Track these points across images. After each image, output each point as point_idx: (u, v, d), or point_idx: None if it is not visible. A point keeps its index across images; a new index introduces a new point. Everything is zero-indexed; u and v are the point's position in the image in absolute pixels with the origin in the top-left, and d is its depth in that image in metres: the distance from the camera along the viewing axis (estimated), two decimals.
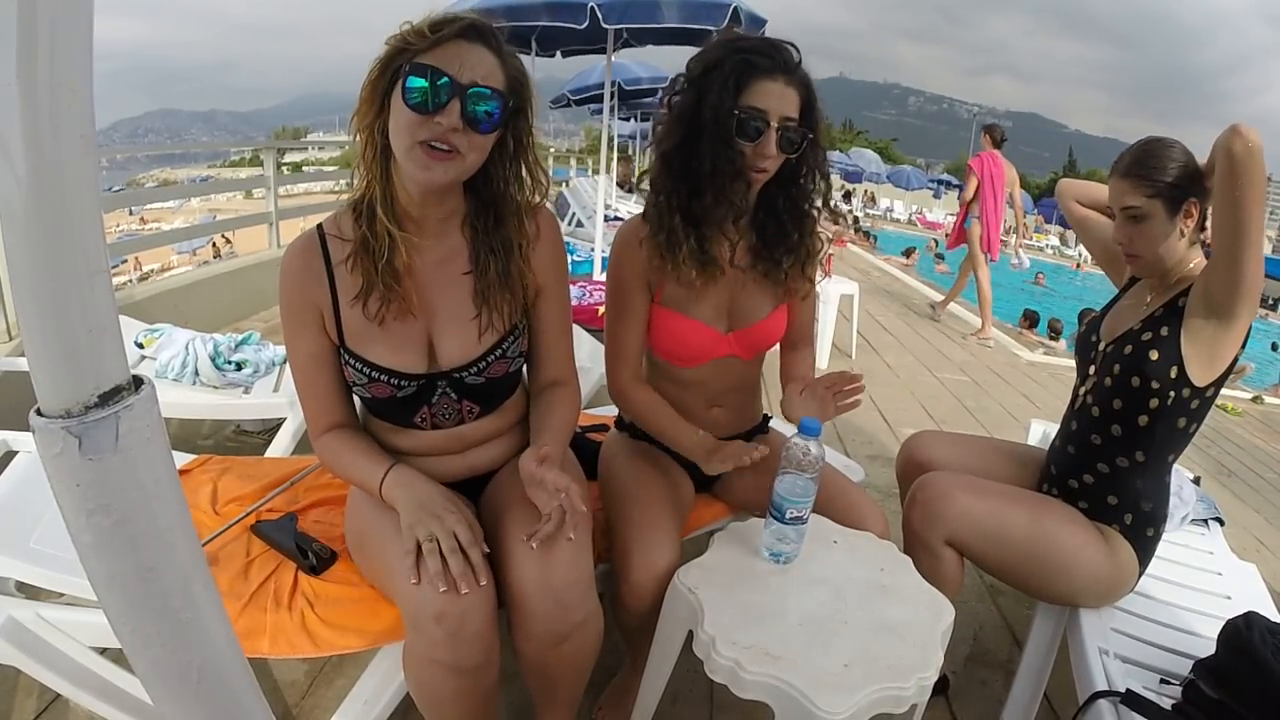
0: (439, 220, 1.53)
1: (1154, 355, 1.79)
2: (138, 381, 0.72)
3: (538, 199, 1.59)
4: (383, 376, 1.52)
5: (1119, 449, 1.89)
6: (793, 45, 1.67)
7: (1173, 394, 1.78)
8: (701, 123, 1.65)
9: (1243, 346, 1.77)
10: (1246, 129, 1.55)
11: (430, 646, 1.32)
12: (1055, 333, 11.35)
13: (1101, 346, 1.98)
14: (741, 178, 1.67)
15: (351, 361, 1.52)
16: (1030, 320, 11.80)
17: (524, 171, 1.55)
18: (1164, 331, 1.79)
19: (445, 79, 1.32)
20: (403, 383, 1.54)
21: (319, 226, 1.53)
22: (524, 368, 1.74)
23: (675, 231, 1.71)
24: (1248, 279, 1.63)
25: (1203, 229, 1.82)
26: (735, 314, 1.87)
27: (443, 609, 1.30)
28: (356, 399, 1.63)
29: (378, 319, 1.49)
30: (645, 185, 1.81)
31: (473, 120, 1.36)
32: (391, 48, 1.36)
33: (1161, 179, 1.79)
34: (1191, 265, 1.83)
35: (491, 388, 1.63)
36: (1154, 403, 1.81)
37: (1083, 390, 2.03)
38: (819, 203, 1.82)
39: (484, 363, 1.58)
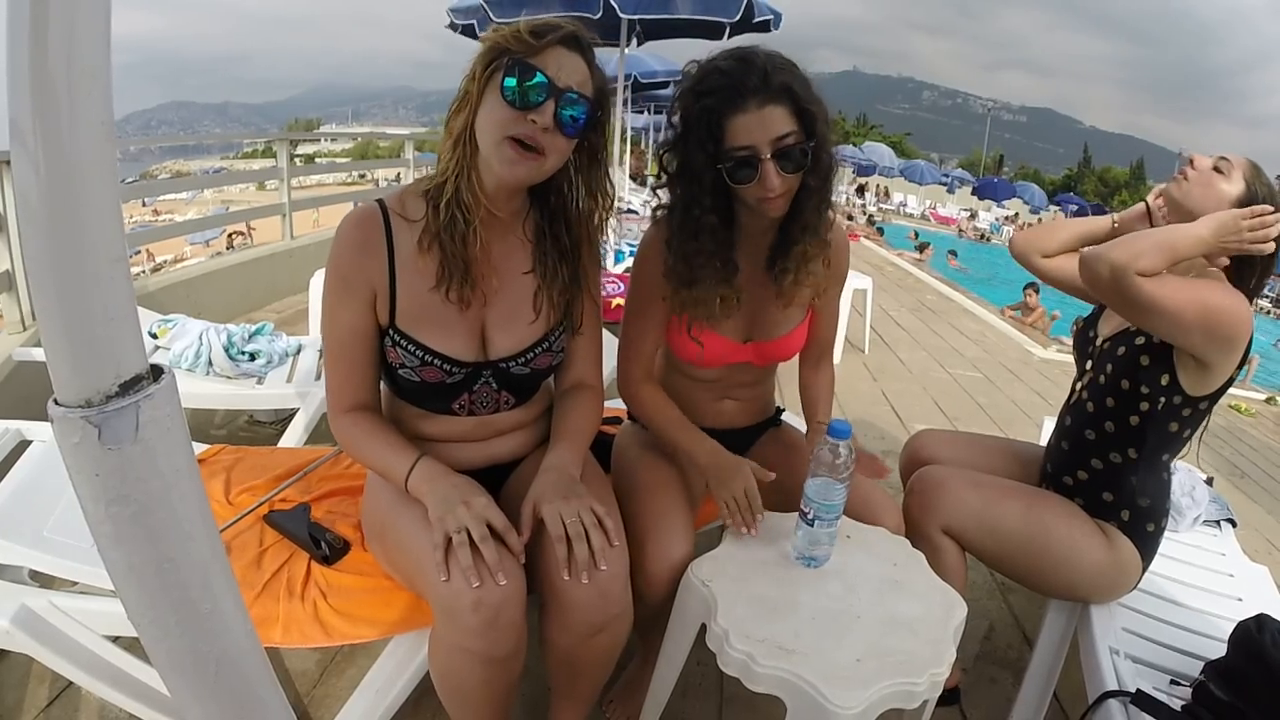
0: (507, 216, 1.56)
1: (1145, 360, 1.77)
2: (157, 371, 0.72)
3: (605, 215, 1.62)
4: (435, 360, 1.53)
5: (1111, 445, 1.88)
6: (754, 53, 1.57)
7: (1163, 400, 1.77)
8: (695, 180, 1.61)
9: (1239, 368, 1.73)
10: (1086, 253, 1.64)
11: (464, 635, 1.32)
12: None
13: (1099, 342, 1.97)
14: (715, 237, 1.66)
15: (402, 343, 1.52)
16: (1036, 290, 11.69)
17: (595, 185, 1.59)
18: (1157, 338, 1.76)
19: (544, 79, 1.37)
20: (454, 369, 1.55)
21: (380, 202, 1.53)
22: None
23: (686, 277, 1.70)
24: (1199, 351, 1.65)
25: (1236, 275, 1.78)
26: (755, 326, 1.85)
27: (479, 597, 1.29)
28: (387, 383, 1.63)
29: (462, 303, 1.52)
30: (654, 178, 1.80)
31: (562, 123, 1.40)
32: (491, 45, 1.40)
33: (1260, 180, 1.76)
34: (1197, 269, 1.78)
35: (532, 379, 1.65)
36: (1144, 405, 1.79)
37: (1079, 386, 2.02)
38: (819, 209, 1.72)
39: (531, 354, 1.60)
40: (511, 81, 1.36)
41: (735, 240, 1.73)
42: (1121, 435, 1.85)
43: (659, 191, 1.76)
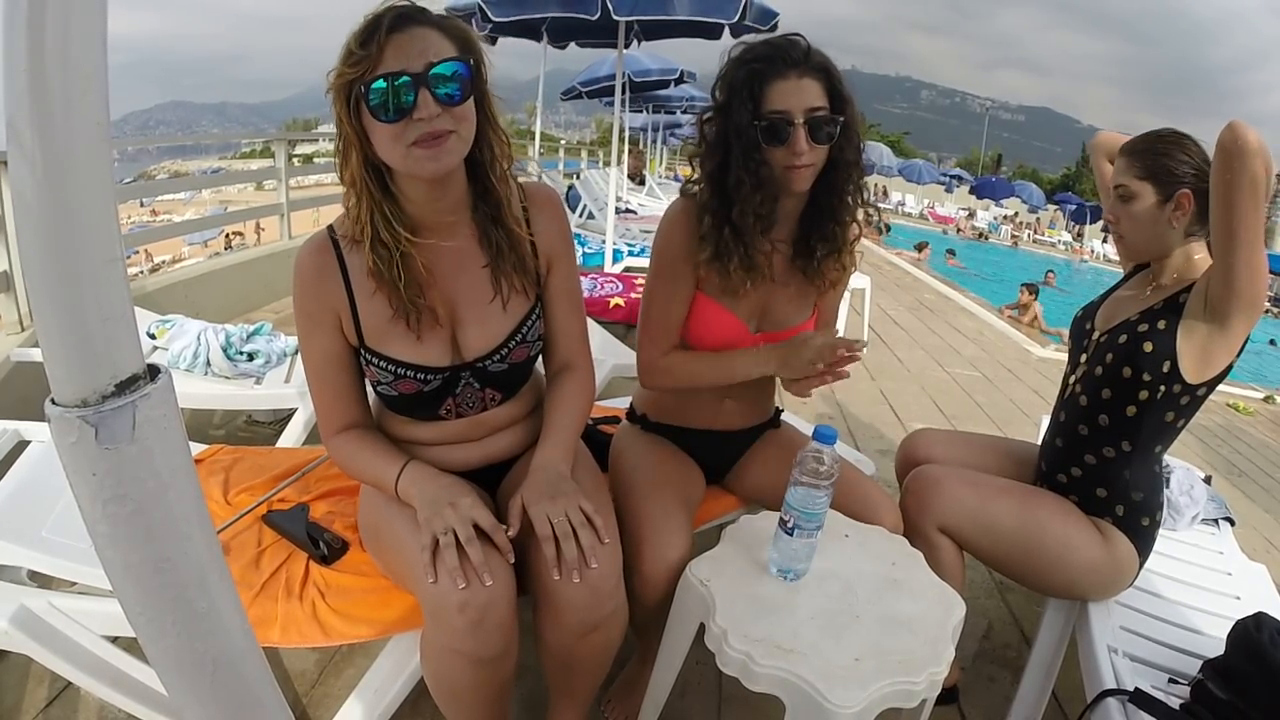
0: (450, 214, 1.52)
1: (1148, 347, 1.78)
2: (154, 371, 0.72)
3: (506, 162, 1.55)
4: (409, 373, 1.52)
5: (1105, 439, 1.88)
6: (799, 35, 1.68)
7: (1163, 388, 1.78)
8: (730, 142, 1.66)
9: (1238, 355, 1.76)
10: (1242, 125, 1.52)
11: (452, 637, 1.32)
12: None
13: (1095, 335, 1.98)
14: (763, 189, 1.67)
15: (375, 361, 1.52)
16: (1032, 291, 11.63)
17: (491, 138, 1.50)
18: (1161, 325, 1.78)
19: (403, 78, 1.30)
20: (429, 377, 1.54)
21: (330, 228, 1.52)
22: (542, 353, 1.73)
23: (726, 242, 1.71)
24: (1239, 284, 1.61)
25: (1200, 225, 1.81)
26: (767, 317, 1.87)
27: (466, 599, 1.29)
28: (373, 395, 1.63)
29: (415, 331, 1.50)
30: (659, 175, 1.80)
31: (444, 100, 1.33)
32: (338, 84, 1.34)
33: (1157, 163, 1.80)
34: (1196, 260, 1.82)
35: (513, 374, 1.63)
36: (1143, 394, 1.80)
37: (1073, 379, 2.03)
38: (853, 190, 1.78)
39: (505, 349, 1.59)
40: (376, 101, 1.31)
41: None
42: (1116, 428, 1.86)
43: (694, 161, 1.80)
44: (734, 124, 1.65)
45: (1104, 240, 30.63)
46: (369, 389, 1.62)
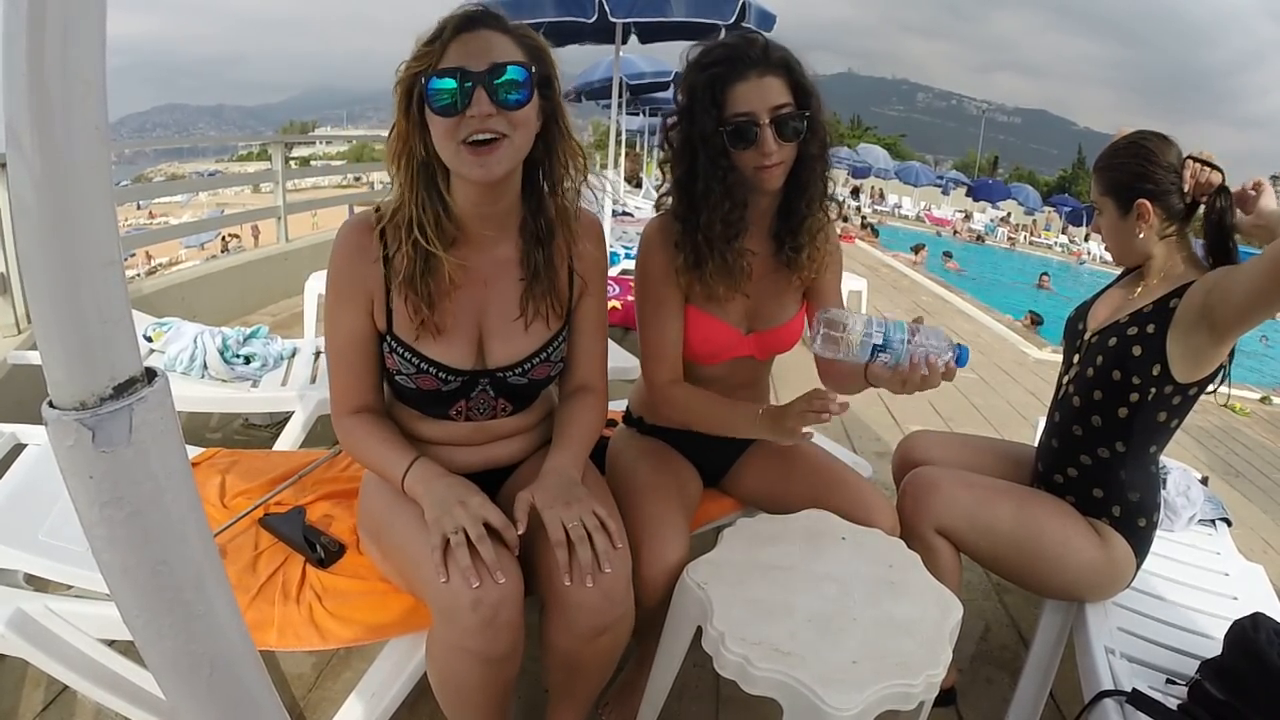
0: (496, 223, 1.53)
1: (1137, 351, 1.79)
2: (151, 374, 0.72)
3: (579, 179, 1.57)
4: (431, 369, 1.53)
5: (1099, 440, 1.89)
6: (757, 33, 1.67)
7: (1154, 390, 1.78)
8: (704, 143, 1.65)
9: (1230, 354, 1.77)
10: None
11: (462, 635, 1.32)
12: None
13: (1087, 336, 1.98)
14: (733, 194, 1.67)
15: (399, 350, 1.52)
16: (1034, 320, 11.62)
17: (559, 149, 1.52)
18: (1150, 329, 1.78)
19: (462, 73, 1.32)
20: (450, 377, 1.54)
21: (377, 209, 1.52)
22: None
23: (700, 249, 1.71)
24: (1259, 316, 1.62)
25: (1173, 223, 1.82)
26: (757, 316, 1.87)
27: (479, 597, 1.29)
28: (387, 385, 1.64)
29: (431, 334, 1.52)
30: (655, 178, 1.80)
31: (503, 101, 1.34)
32: (403, 76, 1.37)
33: (1112, 178, 1.84)
34: (1179, 259, 1.83)
35: (530, 388, 1.64)
36: (1134, 396, 1.81)
37: (1066, 379, 2.03)
38: (821, 182, 1.77)
39: (529, 364, 1.60)
40: (433, 94, 1.33)
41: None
42: (1109, 429, 1.87)
43: (664, 167, 1.79)
44: (699, 130, 1.64)
45: (1087, 238, 30.76)
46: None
